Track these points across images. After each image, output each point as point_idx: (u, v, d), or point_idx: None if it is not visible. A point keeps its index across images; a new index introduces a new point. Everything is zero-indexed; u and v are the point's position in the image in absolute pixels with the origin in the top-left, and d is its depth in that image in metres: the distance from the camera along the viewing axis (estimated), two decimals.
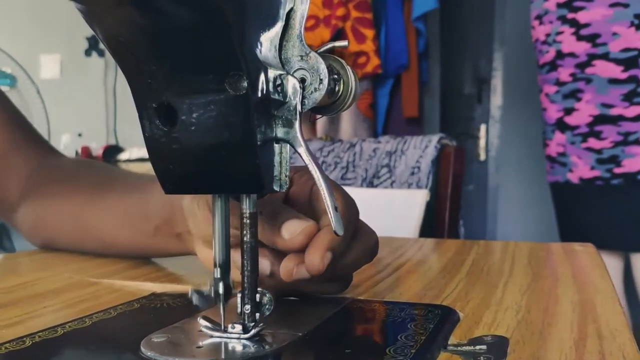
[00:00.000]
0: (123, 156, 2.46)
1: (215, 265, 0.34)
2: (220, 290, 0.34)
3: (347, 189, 0.41)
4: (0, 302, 0.45)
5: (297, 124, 0.32)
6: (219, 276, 0.34)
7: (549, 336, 0.35)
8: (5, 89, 2.34)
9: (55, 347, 0.35)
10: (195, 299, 0.34)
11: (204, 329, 0.35)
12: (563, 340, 0.34)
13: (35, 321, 0.40)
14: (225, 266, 0.35)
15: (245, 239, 0.34)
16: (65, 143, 2.77)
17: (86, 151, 2.73)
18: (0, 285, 0.50)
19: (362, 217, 0.43)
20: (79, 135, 2.99)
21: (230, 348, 0.33)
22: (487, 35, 3.25)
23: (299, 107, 0.32)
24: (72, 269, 0.56)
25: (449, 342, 0.34)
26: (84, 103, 3.08)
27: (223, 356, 0.32)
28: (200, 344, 0.34)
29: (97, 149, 2.72)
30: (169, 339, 0.35)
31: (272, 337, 0.34)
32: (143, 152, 2.32)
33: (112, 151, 2.64)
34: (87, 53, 3.06)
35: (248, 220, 0.34)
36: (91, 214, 0.59)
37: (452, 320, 0.38)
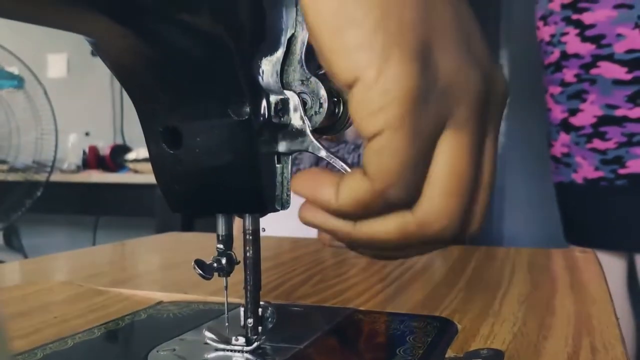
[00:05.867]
0: (130, 156, 2.48)
1: (218, 239, 0.35)
2: (223, 262, 0.35)
3: None
4: (14, 311, 0.46)
5: (309, 133, 0.32)
6: (222, 249, 0.35)
7: (543, 350, 0.36)
8: (12, 90, 2.35)
9: (66, 358, 0.36)
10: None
11: (208, 341, 0.36)
12: (557, 353, 0.35)
13: (47, 331, 0.41)
14: (228, 239, 0.35)
15: (247, 254, 0.35)
16: (73, 142, 2.79)
17: (94, 150, 2.75)
18: (14, 294, 0.52)
19: None
20: (87, 134, 3.01)
21: None
22: (492, 34, 3.24)
23: (306, 121, 0.32)
24: (81, 277, 0.58)
25: (446, 355, 0.35)
26: (91, 102, 3.10)
27: None
28: (206, 357, 0.35)
29: (105, 148, 2.74)
30: (175, 351, 0.36)
31: (274, 350, 0.35)
32: None
33: (119, 150, 2.66)
34: (94, 52, 3.08)
35: (251, 237, 0.35)
36: None
37: (450, 332, 0.39)
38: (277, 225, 0.53)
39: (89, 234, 2.91)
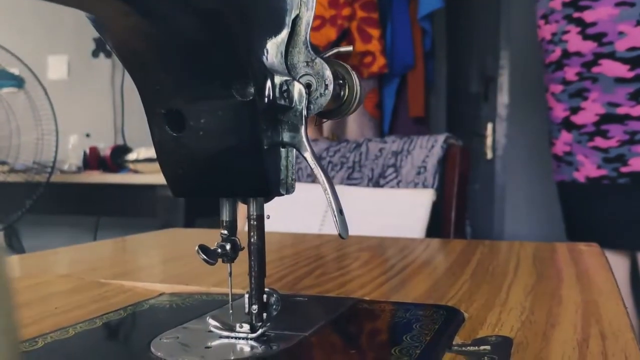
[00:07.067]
0: (131, 156, 2.47)
1: (222, 225, 0.35)
2: (228, 248, 0.34)
3: (354, 189, 0.41)
4: None
5: (302, 129, 0.32)
6: (226, 234, 0.35)
7: (552, 337, 0.35)
8: (13, 90, 2.35)
9: (66, 347, 0.36)
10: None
11: (212, 329, 0.35)
12: (566, 341, 0.34)
13: (47, 322, 0.41)
14: (232, 225, 0.35)
15: (252, 240, 0.35)
16: (74, 143, 2.79)
17: (94, 151, 2.74)
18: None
19: (368, 216, 0.43)
20: (87, 135, 3.01)
21: (238, 349, 0.33)
22: (493, 33, 3.24)
23: (304, 112, 0.32)
24: (82, 270, 0.57)
25: (454, 343, 0.35)
26: (92, 103, 3.09)
27: (232, 357, 0.33)
28: (209, 344, 0.34)
29: (105, 149, 2.73)
30: (178, 339, 0.35)
31: (279, 338, 0.35)
32: (151, 153, 2.33)
33: (120, 151, 2.65)
34: (95, 54, 3.08)
35: (255, 223, 0.35)
36: None
37: (457, 321, 0.38)
38: (279, 223, 0.53)
39: (89, 235, 2.91)
